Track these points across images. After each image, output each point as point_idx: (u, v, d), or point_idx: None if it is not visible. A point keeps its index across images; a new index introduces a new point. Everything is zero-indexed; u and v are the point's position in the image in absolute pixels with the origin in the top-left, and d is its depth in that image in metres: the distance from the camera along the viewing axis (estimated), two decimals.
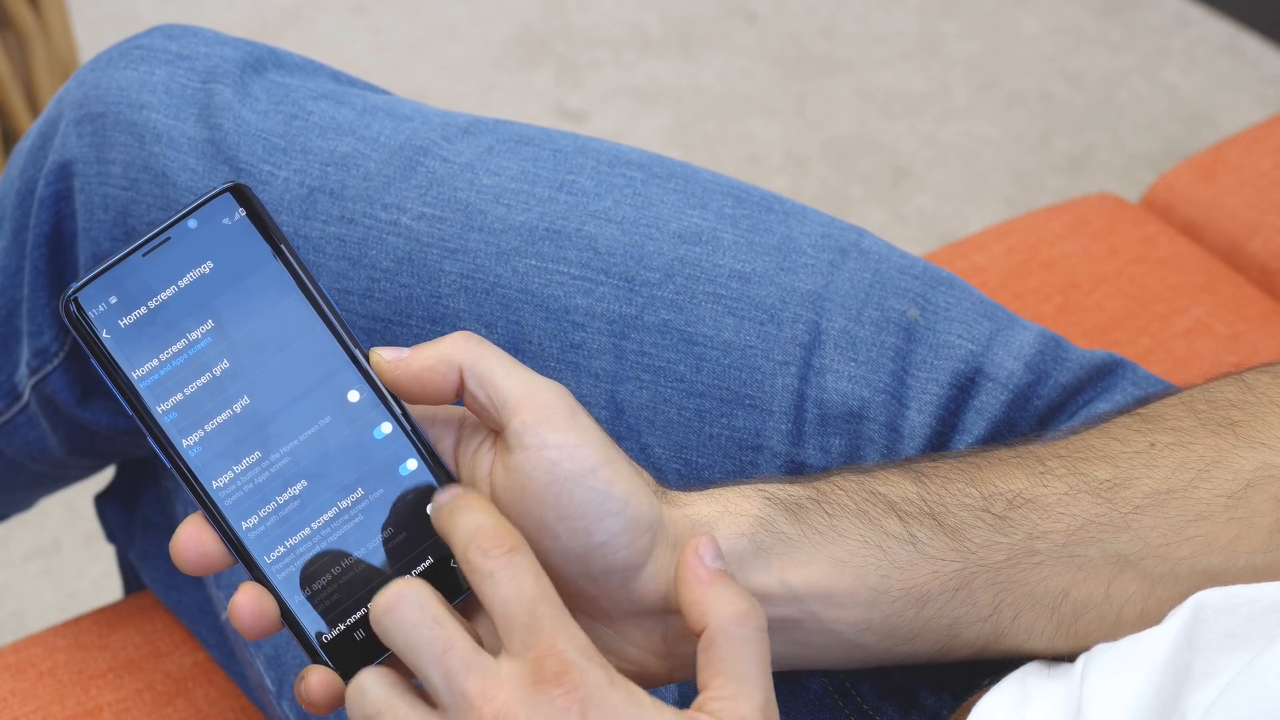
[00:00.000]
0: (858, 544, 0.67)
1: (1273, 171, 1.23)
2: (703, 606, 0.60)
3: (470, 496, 0.63)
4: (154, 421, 0.65)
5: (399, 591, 0.61)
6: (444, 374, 0.65)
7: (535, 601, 0.60)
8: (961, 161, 2.07)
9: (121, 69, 0.86)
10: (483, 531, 0.61)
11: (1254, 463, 0.68)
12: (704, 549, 0.62)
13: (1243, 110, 2.12)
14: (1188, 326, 1.13)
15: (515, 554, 0.61)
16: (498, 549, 0.61)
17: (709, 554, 0.62)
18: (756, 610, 0.60)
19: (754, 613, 0.60)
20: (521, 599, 0.60)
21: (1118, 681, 0.65)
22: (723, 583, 0.61)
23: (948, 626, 0.68)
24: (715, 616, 0.60)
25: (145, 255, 0.65)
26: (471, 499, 0.63)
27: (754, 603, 0.61)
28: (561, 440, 0.64)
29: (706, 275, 0.81)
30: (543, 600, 0.60)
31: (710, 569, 0.61)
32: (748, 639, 0.60)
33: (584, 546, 0.64)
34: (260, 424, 0.65)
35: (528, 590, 0.60)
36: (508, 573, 0.60)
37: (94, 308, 0.65)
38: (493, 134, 0.85)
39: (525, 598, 0.60)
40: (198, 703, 0.97)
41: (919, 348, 0.80)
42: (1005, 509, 0.68)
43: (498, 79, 2.18)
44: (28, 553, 1.68)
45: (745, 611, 0.60)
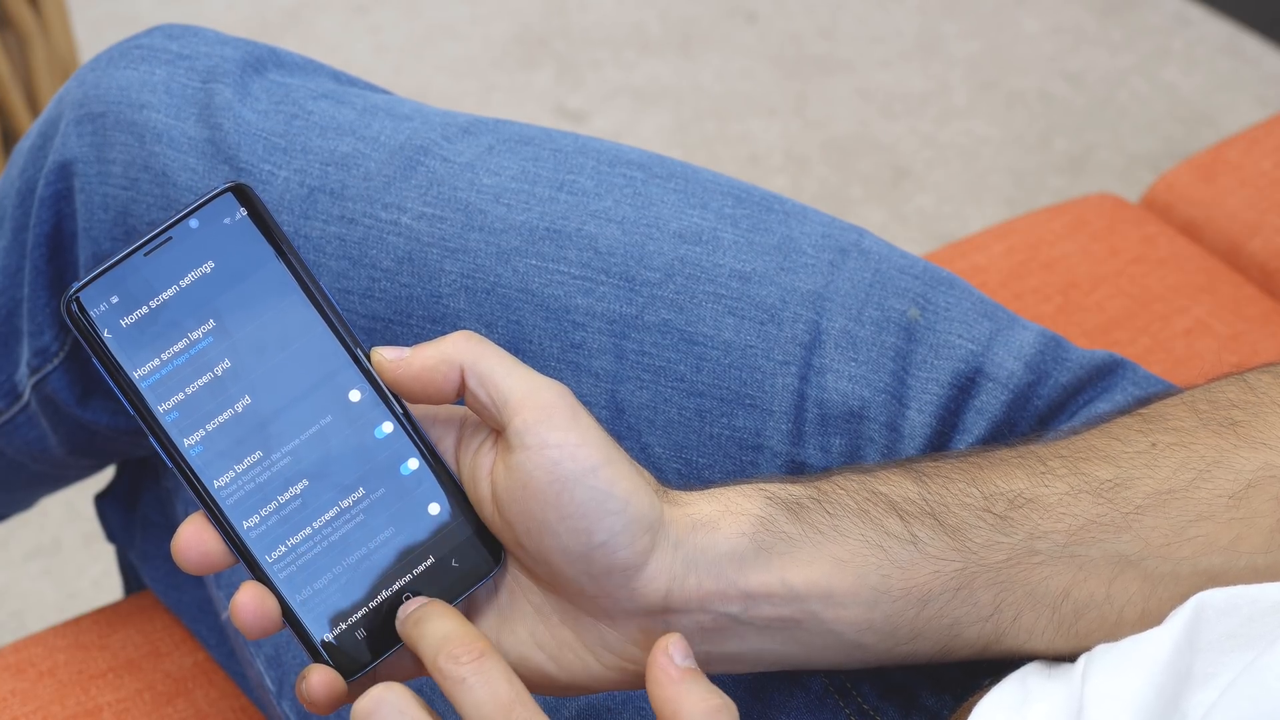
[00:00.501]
0: (859, 544, 0.67)
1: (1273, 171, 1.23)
2: (674, 705, 0.61)
3: (435, 605, 0.64)
4: (155, 421, 0.65)
5: (379, 696, 0.61)
6: (445, 373, 0.65)
7: (510, 705, 0.61)
8: (961, 161, 2.07)
9: (122, 69, 0.86)
10: (452, 639, 0.62)
11: (1255, 463, 0.68)
12: (673, 648, 0.62)
13: (1243, 110, 2.12)
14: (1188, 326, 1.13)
15: (485, 659, 0.61)
16: (467, 655, 0.61)
17: (679, 653, 0.62)
18: (729, 706, 0.61)
19: (725, 709, 0.61)
20: (497, 704, 0.61)
21: (1119, 682, 0.65)
22: (693, 680, 0.61)
23: (948, 626, 0.68)
24: (688, 716, 0.61)
25: (146, 255, 0.65)
26: (437, 607, 0.64)
27: (725, 699, 0.61)
28: (563, 440, 0.64)
29: (707, 275, 0.81)
30: (517, 703, 0.61)
31: (680, 668, 0.62)
32: None
33: (585, 546, 0.64)
34: (261, 423, 0.65)
35: (502, 695, 0.61)
36: (480, 678, 0.61)
37: (95, 307, 0.65)
38: (493, 134, 0.85)
39: (500, 702, 0.61)
40: (198, 703, 0.97)
41: (919, 348, 0.80)
42: (1006, 509, 0.68)
43: (498, 79, 2.18)
44: (28, 553, 1.68)
45: (717, 708, 0.61)
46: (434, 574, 0.66)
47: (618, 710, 0.78)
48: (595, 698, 0.78)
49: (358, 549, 0.66)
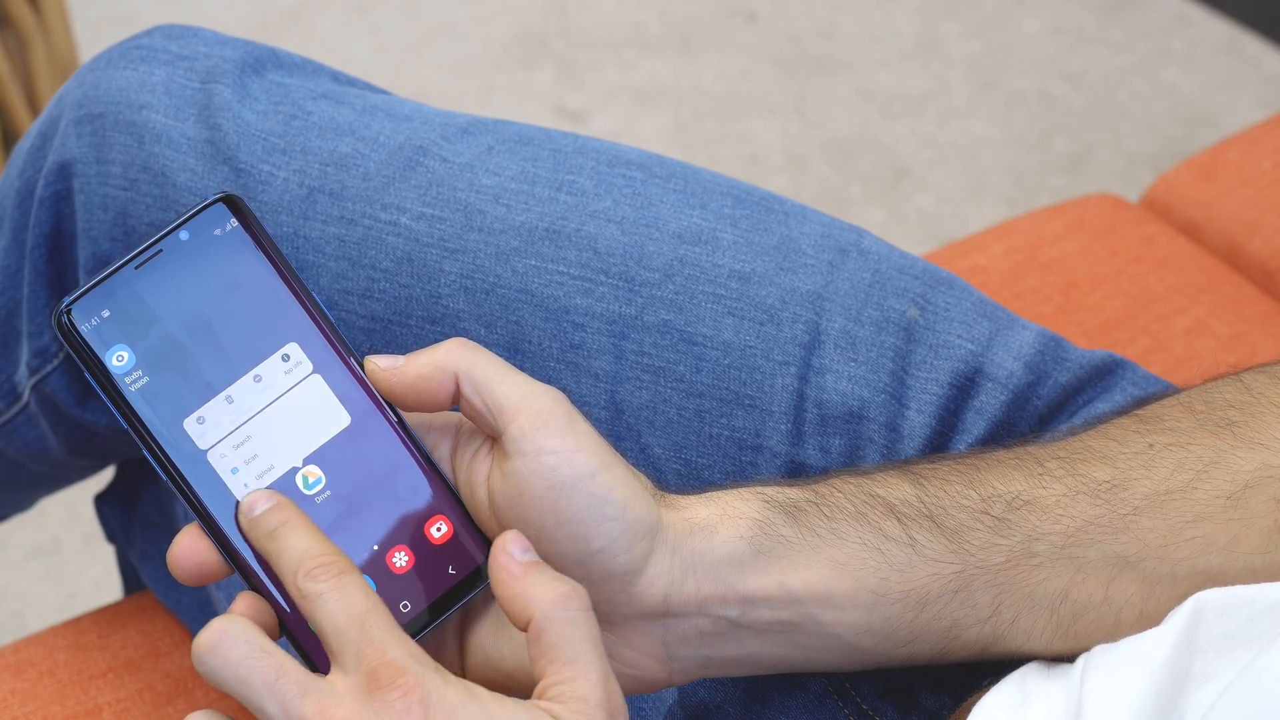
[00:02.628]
0: (856, 547, 0.67)
1: (1273, 171, 1.23)
2: (522, 599, 0.60)
3: (291, 512, 0.63)
4: (148, 432, 0.65)
5: (220, 628, 0.60)
6: (439, 381, 0.65)
7: (364, 615, 0.60)
8: (961, 161, 2.07)
9: (121, 69, 0.86)
10: (310, 555, 0.61)
11: (1252, 463, 0.68)
12: (512, 544, 0.62)
13: (1243, 110, 2.12)
14: (1188, 326, 1.13)
15: (342, 575, 0.61)
16: (325, 573, 0.61)
17: (517, 548, 0.61)
18: (577, 591, 0.60)
19: (575, 594, 0.60)
20: (351, 615, 0.60)
21: (1117, 682, 0.65)
22: (537, 572, 0.61)
23: (947, 628, 0.68)
24: (537, 605, 0.60)
25: (138, 268, 0.65)
26: (294, 518, 0.63)
27: (573, 585, 0.60)
28: (559, 445, 0.64)
29: (706, 275, 0.81)
30: (371, 613, 0.60)
31: (521, 562, 0.61)
32: (573, 620, 0.60)
33: (583, 552, 0.64)
34: (256, 434, 0.65)
35: (357, 606, 0.60)
36: (336, 593, 0.60)
37: (87, 321, 0.65)
38: (492, 134, 0.85)
39: (354, 613, 0.60)
40: (198, 703, 0.97)
41: (919, 348, 0.80)
42: (1004, 511, 0.68)
43: (498, 79, 2.18)
44: (28, 553, 1.68)
45: (565, 594, 0.60)
46: (430, 581, 0.66)
47: None
48: None
49: (353, 558, 0.65)
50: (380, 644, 0.59)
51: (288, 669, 0.59)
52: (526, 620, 0.60)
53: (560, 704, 0.59)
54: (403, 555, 0.66)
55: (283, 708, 0.59)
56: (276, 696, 0.59)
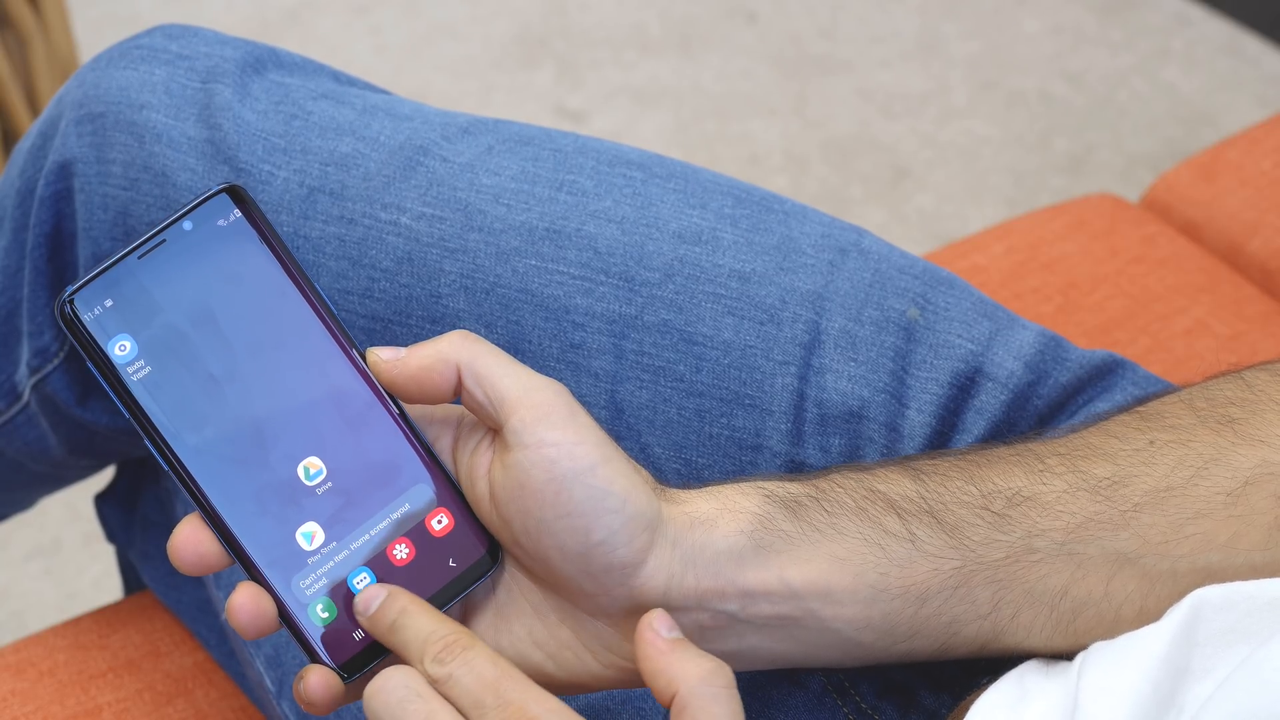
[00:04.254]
0: (857, 542, 0.67)
1: (1273, 171, 1.23)
2: (669, 674, 0.61)
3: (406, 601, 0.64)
4: (150, 423, 0.65)
5: (387, 673, 0.62)
6: (441, 373, 0.65)
7: (497, 681, 0.61)
8: (961, 161, 2.07)
9: (121, 69, 0.86)
10: (432, 640, 0.63)
11: (1253, 460, 0.68)
12: (658, 622, 0.62)
13: (1243, 110, 2.12)
14: (1188, 326, 1.13)
15: (467, 652, 0.62)
16: (449, 653, 0.62)
17: (664, 626, 0.62)
18: (723, 668, 0.61)
19: (720, 670, 0.61)
20: (483, 685, 0.61)
21: (1115, 678, 0.65)
22: (684, 648, 0.62)
23: (947, 624, 0.68)
24: (683, 681, 0.61)
25: (141, 258, 0.65)
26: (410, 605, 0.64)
27: (718, 662, 0.61)
28: (560, 438, 0.64)
29: (706, 275, 0.81)
30: (504, 678, 0.61)
31: (668, 639, 0.62)
32: (717, 697, 0.60)
33: (583, 544, 0.64)
34: (257, 425, 0.65)
35: (487, 675, 0.61)
36: (465, 669, 0.61)
37: (89, 311, 0.65)
38: (493, 134, 0.85)
39: (486, 682, 0.61)
40: (198, 703, 0.97)
41: (919, 347, 0.80)
42: (1004, 507, 0.68)
43: (498, 79, 2.18)
44: (28, 553, 1.68)
45: (712, 670, 0.61)
46: (431, 574, 0.66)
47: (617, 710, 0.78)
48: (594, 697, 0.78)
49: (354, 550, 0.66)
50: (519, 704, 0.60)
51: (438, 714, 0.61)
52: (671, 695, 0.61)
53: None
54: (404, 548, 0.66)
55: None
56: None
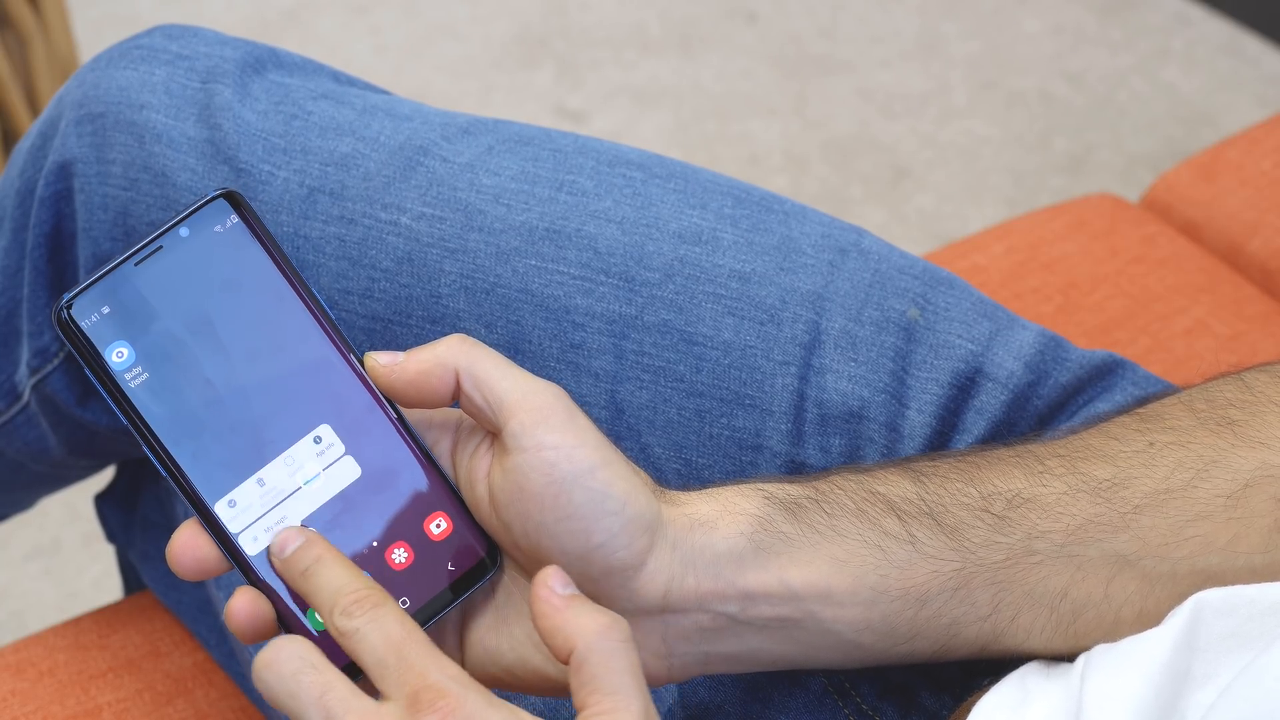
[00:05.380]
0: (857, 543, 0.67)
1: (1273, 171, 1.23)
2: (565, 631, 0.60)
3: (322, 549, 0.63)
4: (148, 429, 0.65)
5: (277, 644, 0.61)
6: (440, 377, 0.65)
7: (401, 642, 0.60)
8: (961, 161, 2.07)
9: (121, 69, 0.86)
10: (344, 591, 0.62)
11: (1253, 462, 0.68)
12: (553, 579, 0.62)
13: (1243, 110, 2.12)
14: (1188, 326, 1.13)
15: (378, 608, 0.61)
16: (360, 607, 0.61)
17: (558, 582, 0.62)
18: (619, 622, 0.61)
19: (616, 624, 0.60)
20: (388, 644, 0.60)
21: (1117, 682, 0.65)
22: (580, 603, 0.61)
23: (947, 626, 0.68)
24: (579, 636, 0.60)
25: (138, 264, 0.65)
26: (325, 553, 0.63)
27: (614, 616, 0.61)
28: (559, 441, 0.64)
29: (706, 275, 0.81)
30: (408, 639, 0.60)
31: (563, 595, 0.61)
32: (615, 650, 0.60)
33: (583, 547, 0.64)
34: (255, 430, 0.65)
35: (393, 635, 0.60)
36: (374, 626, 0.61)
37: (87, 317, 0.65)
38: (493, 134, 0.85)
39: (391, 642, 0.60)
40: (198, 703, 0.97)
41: (919, 348, 0.80)
42: (1004, 509, 0.68)
43: (498, 79, 2.18)
44: (28, 553, 1.68)
45: (607, 625, 0.60)
46: (430, 578, 0.66)
47: None
48: None
49: (353, 554, 0.66)
50: (420, 669, 0.59)
51: (334, 686, 0.60)
52: (568, 652, 0.60)
53: None
54: (402, 552, 0.66)
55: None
56: (321, 711, 0.59)
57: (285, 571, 0.64)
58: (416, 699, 0.59)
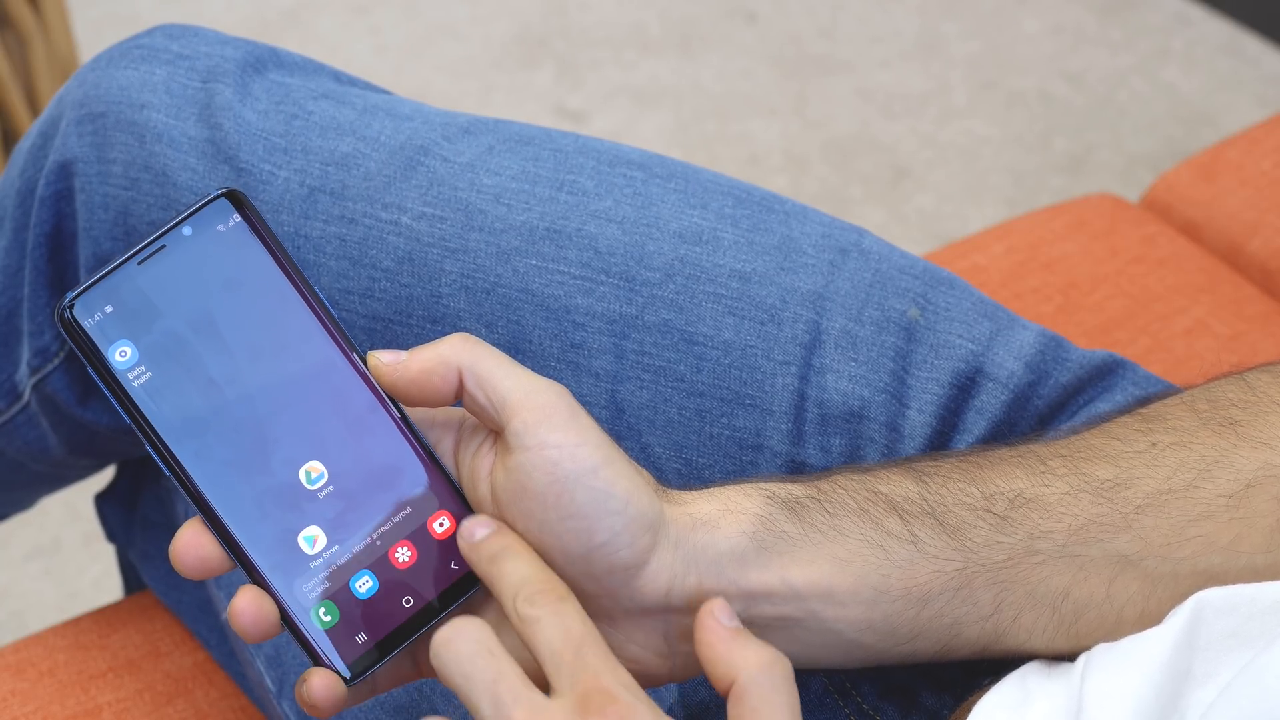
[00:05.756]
0: (859, 543, 0.67)
1: (1273, 171, 1.23)
2: (728, 661, 0.61)
3: (511, 539, 0.64)
4: (150, 428, 0.65)
5: (458, 624, 0.61)
6: (443, 376, 0.65)
7: (581, 640, 0.61)
8: (961, 161, 2.07)
9: (122, 69, 0.86)
10: (530, 581, 0.62)
11: (1255, 462, 0.68)
12: (719, 610, 0.62)
13: (1243, 110, 2.12)
14: (1188, 326, 1.13)
15: (561, 601, 0.62)
16: (544, 599, 0.62)
17: (724, 614, 0.62)
18: (782, 659, 0.61)
19: (779, 661, 0.61)
20: (568, 639, 0.61)
21: (1118, 681, 0.65)
22: (745, 637, 0.62)
23: (949, 626, 0.68)
24: (743, 669, 0.61)
25: (140, 264, 0.65)
26: (514, 544, 0.64)
27: (777, 653, 0.61)
28: (562, 440, 0.64)
29: (707, 275, 0.81)
30: (587, 638, 0.61)
31: (729, 627, 0.62)
32: (777, 687, 0.61)
33: (585, 546, 0.64)
34: (258, 429, 0.65)
35: (574, 630, 0.61)
36: (555, 618, 0.61)
37: (89, 317, 0.65)
38: (493, 134, 0.85)
39: (571, 637, 0.61)
40: (198, 703, 0.97)
41: (919, 347, 0.80)
42: (1006, 508, 0.68)
43: (498, 79, 2.18)
44: (28, 553, 1.68)
45: (771, 660, 0.61)
46: (433, 576, 0.66)
47: None
48: None
49: (355, 553, 0.66)
50: (595, 670, 0.60)
51: (507, 674, 0.60)
52: (730, 682, 0.61)
53: None
54: (405, 551, 0.66)
55: (495, 709, 0.60)
56: (492, 698, 0.60)
57: (472, 555, 0.64)
58: (587, 699, 0.59)
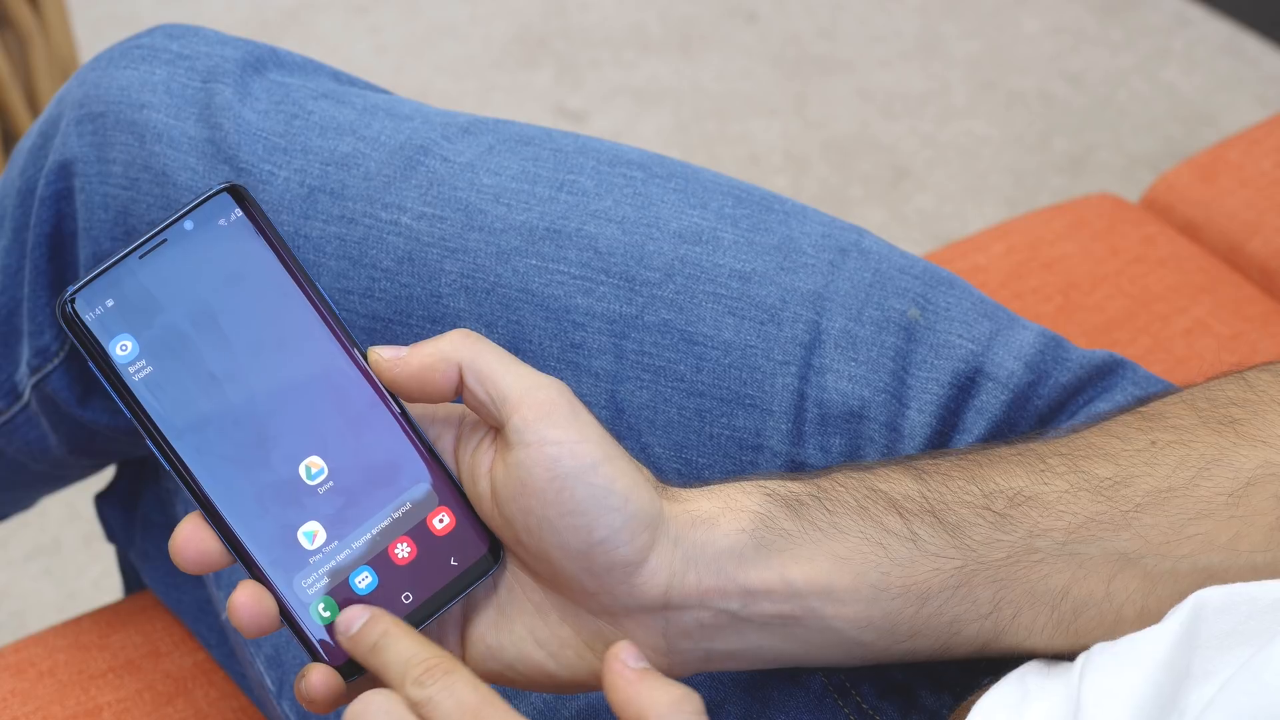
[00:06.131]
0: (858, 541, 0.67)
1: (1273, 171, 1.23)
2: (638, 703, 0.61)
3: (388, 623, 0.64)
4: (151, 422, 0.65)
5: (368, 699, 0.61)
6: (443, 372, 0.65)
7: (479, 708, 0.60)
8: (961, 161, 2.07)
9: (122, 68, 0.86)
10: (414, 663, 0.62)
11: (1255, 461, 0.68)
12: (624, 653, 0.62)
13: (1243, 110, 2.12)
14: (1188, 326, 1.14)
15: (449, 675, 0.61)
16: (431, 676, 0.61)
17: (630, 657, 0.62)
18: (691, 695, 0.61)
19: (690, 697, 0.61)
20: (464, 710, 0.60)
21: (1117, 679, 0.65)
22: (652, 678, 0.61)
23: (948, 624, 0.68)
24: (653, 709, 0.60)
25: (142, 258, 0.65)
26: (391, 628, 0.64)
27: (685, 688, 0.61)
28: (562, 437, 0.64)
29: (707, 275, 0.81)
30: (484, 705, 0.60)
31: (635, 669, 0.62)
32: None
33: (585, 543, 0.64)
34: (258, 424, 0.65)
35: (468, 702, 0.61)
36: (446, 693, 0.61)
37: (91, 311, 0.65)
38: (493, 134, 0.85)
39: (467, 708, 0.60)
40: (198, 703, 0.97)
41: (919, 347, 0.80)
42: (1006, 507, 0.68)
43: (498, 79, 2.18)
44: (28, 553, 1.68)
45: (680, 697, 0.61)
46: (433, 573, 0.66)
47: None
48: (595, 697, 0.78)
49: (355, 549, 0.66)
50: None
51: None
52: None
53: None
54: (405, 547, 0.66)
55: None
56: None
57: (354, 649, 0.64)
58: None
